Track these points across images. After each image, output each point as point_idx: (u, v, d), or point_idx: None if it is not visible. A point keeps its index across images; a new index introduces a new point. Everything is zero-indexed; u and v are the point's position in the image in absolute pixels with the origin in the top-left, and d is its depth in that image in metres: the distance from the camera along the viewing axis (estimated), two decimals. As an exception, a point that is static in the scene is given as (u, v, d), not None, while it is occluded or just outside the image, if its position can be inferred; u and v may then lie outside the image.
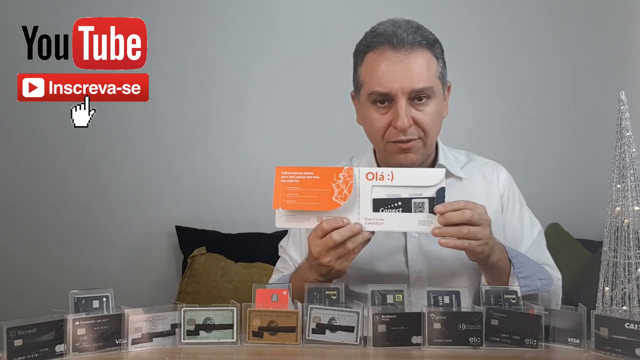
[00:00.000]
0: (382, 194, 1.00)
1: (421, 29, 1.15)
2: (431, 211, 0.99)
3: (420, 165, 1.19)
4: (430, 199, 0.99)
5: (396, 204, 0.99)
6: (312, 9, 2.56)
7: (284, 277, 1.21)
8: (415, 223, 0.98)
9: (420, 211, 1.00)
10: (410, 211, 1.00)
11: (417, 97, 1.12)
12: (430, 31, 1.17)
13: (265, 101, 2.55)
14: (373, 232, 1.02)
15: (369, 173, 1.03)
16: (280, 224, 1.06)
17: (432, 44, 1.15)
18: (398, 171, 1.02)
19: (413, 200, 0.98)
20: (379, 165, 1.25)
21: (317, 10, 2.55)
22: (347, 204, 1.02)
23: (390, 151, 1.17)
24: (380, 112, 1.15)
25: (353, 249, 1.01)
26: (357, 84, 1.20)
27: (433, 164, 1.24)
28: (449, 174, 1.21)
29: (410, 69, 1.11)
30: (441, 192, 0.99)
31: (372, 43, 1.14)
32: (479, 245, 1.02)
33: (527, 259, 1.16)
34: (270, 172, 1.06)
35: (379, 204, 1.01)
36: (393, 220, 1.00)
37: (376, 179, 1.02)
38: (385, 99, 1.13)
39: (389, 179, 1.01)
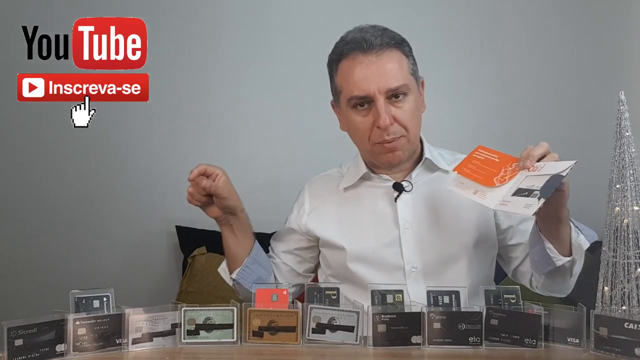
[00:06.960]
0: (525, 184, 1.02)
1: (387, 30, 1.20)
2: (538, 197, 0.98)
3: (407, 161, 1.24)
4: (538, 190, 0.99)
5: (525, 194, 1.01)
6: (312, 11, 2.56)
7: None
8: (521, 206, 0.99)
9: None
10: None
11: (394, 95, 1.17)
12: (396, 32, 1.21)
13: (265, 101, 2.55)
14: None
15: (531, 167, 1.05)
16: (450, 185, 1.13)
17: (400, 43, 1.19)
18: (548, 163, 1.04)
19: (534, 192, 0.99)
20: (367, 167, 1.28)
21: (317, 12, 2.55)
22: (501, 187, 1.05)
23: (378, 152, 1.21)
24: (362, 115, 1.19)
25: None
26: (336, 92, 1.24)
27: (419, 159, 1.28)
28: (435, 168, 1.27)
29: (383, 69, 1.16)
30: (556, 179, 0.97)
31: (344, 51, 1.19)
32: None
33: None
34: (269, 174, 1.06)
35: (517, 192, 1.02)
36: (514, 203, 1.01)
37: (532, 170, 1.04)
38: (365, 102, 1.18)
39: (538, 169, 1.03)
